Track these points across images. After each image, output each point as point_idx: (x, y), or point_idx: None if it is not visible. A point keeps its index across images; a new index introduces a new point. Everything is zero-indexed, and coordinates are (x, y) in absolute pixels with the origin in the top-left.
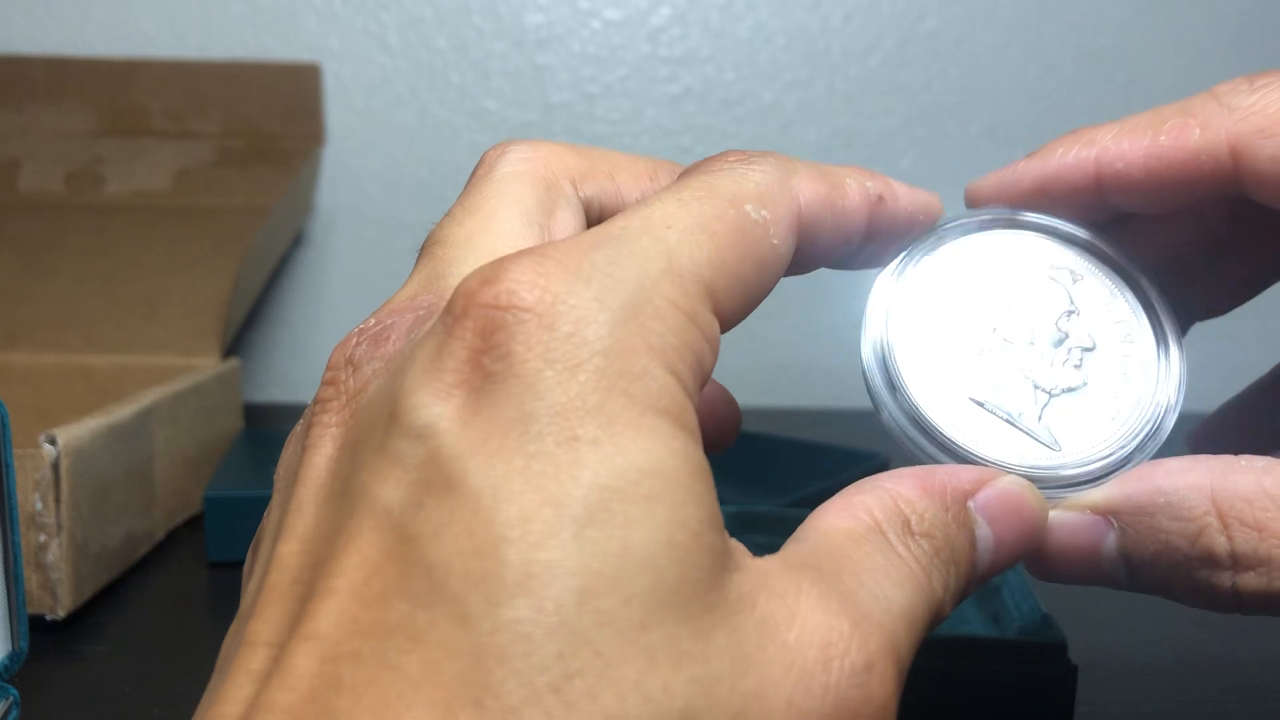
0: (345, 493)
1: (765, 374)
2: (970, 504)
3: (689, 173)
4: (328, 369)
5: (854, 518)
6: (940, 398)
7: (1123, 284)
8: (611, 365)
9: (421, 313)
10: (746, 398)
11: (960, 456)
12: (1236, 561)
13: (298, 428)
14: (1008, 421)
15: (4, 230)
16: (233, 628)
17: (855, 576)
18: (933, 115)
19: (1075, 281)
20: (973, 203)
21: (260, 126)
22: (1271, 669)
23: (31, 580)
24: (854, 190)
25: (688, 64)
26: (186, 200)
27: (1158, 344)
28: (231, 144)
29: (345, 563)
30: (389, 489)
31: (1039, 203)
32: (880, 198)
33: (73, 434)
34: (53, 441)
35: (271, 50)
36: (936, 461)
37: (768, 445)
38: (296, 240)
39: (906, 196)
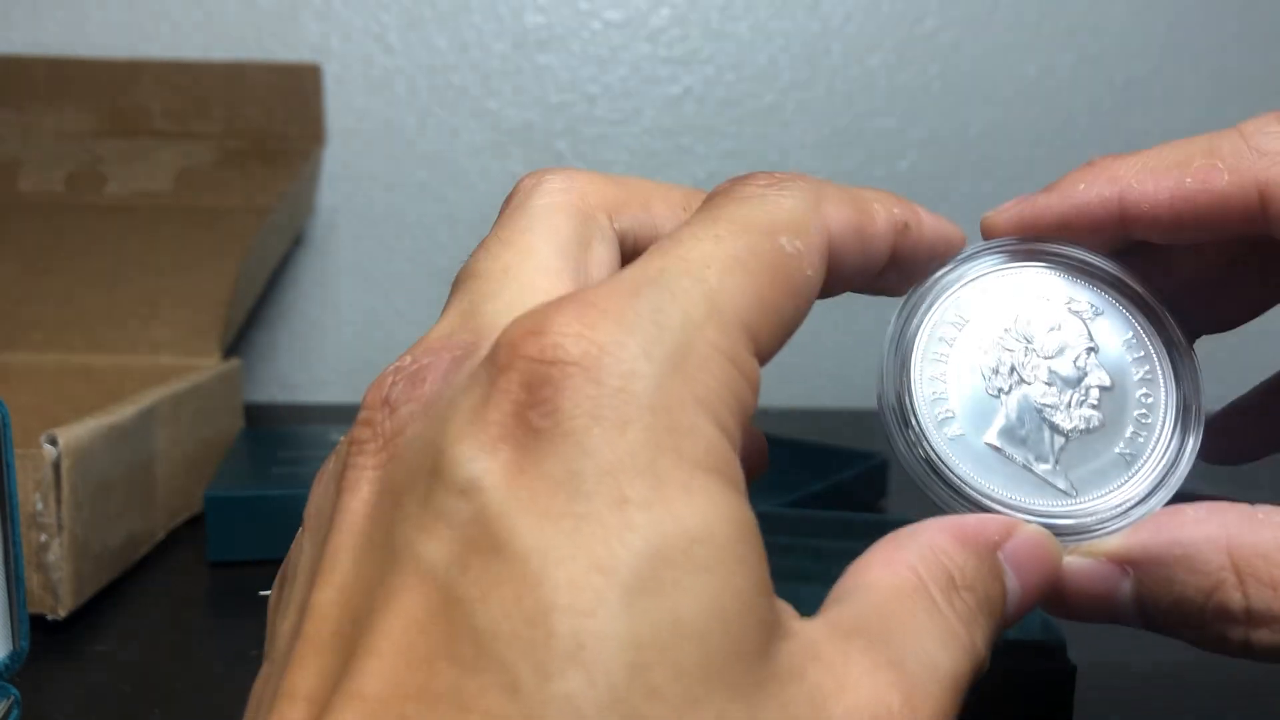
0: (386, 544)
1: (765, 374)
2: (999, 554)
3: (718, 201)
4: (363, 408)
5: (898, 574)
6: (958, 442)
7: (1143, 319)
8: (660, 421)
9: (459, 353)
10: None
11: (978, 503)
12: (1251, 618)
13: (330, 465)
14: (1025, 467)
15: (5, 230)
16: (264, 671)
17: (903, 641)
18: (933, 115)
19: (1095, 316)
20: (990, 236)
21: (261, 127)
22: (1272, 668)
23: (32, 580)
24: (881, 217)
25: (688, 64)
26: (187, 200)
27: (1177, 383)
28: (232, 144)
29: (389, 621)
30: (434, 546)
31: (1060, 237)
32: (906, 225)
33: (74, 434)
34: (54, 441)
35: (272, 50)
36: (953, 506)
37: (769, 445)
38: (297, 240)
39: (931, 225)
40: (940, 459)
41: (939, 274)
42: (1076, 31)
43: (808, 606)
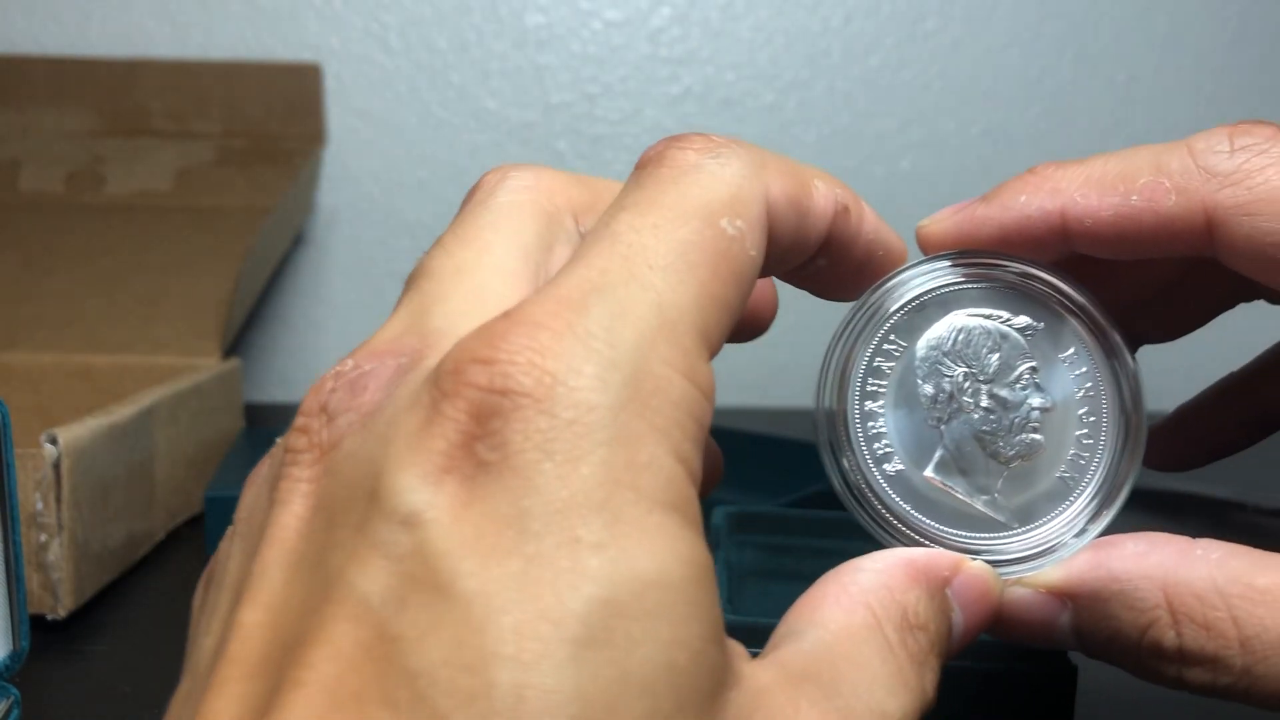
0: (319, 567)
1: (765, 374)
2: (947, 591)
3: (653, 175)
4: (299, 414)
5: (852, 610)
6: (898, 478)
7: (1085, 333)
8: (616, 456)
9: (404, 360)
10: (747, 398)
11: (915, 537)
12: (1184, 656)
13: (263, 469)
14: (964, 498)
15: (5, 230)
16: (184, 687)
17: (854, 688)
18: (933, 115)
19: (1040, 333)
20: (926, 248)
21: (261, 126)
22: None
23: (32, 580)
24: (821, 193)
25: (688, 64)
26: (187, 200)
27: (1119, 399)
28: (232, 144)
29: (318, 653)
30: (369, 578)
31: (999, 249)
32: (846, 208)
33: (73, 434)
34: (54, 441)
35: (272, 50)
36: (888, 535)
37: (768, 445)
38: (297, 240)
39: (872, 219)
40: (879, 497)
41: (873, 296)
42: (1076, 31)
43: None
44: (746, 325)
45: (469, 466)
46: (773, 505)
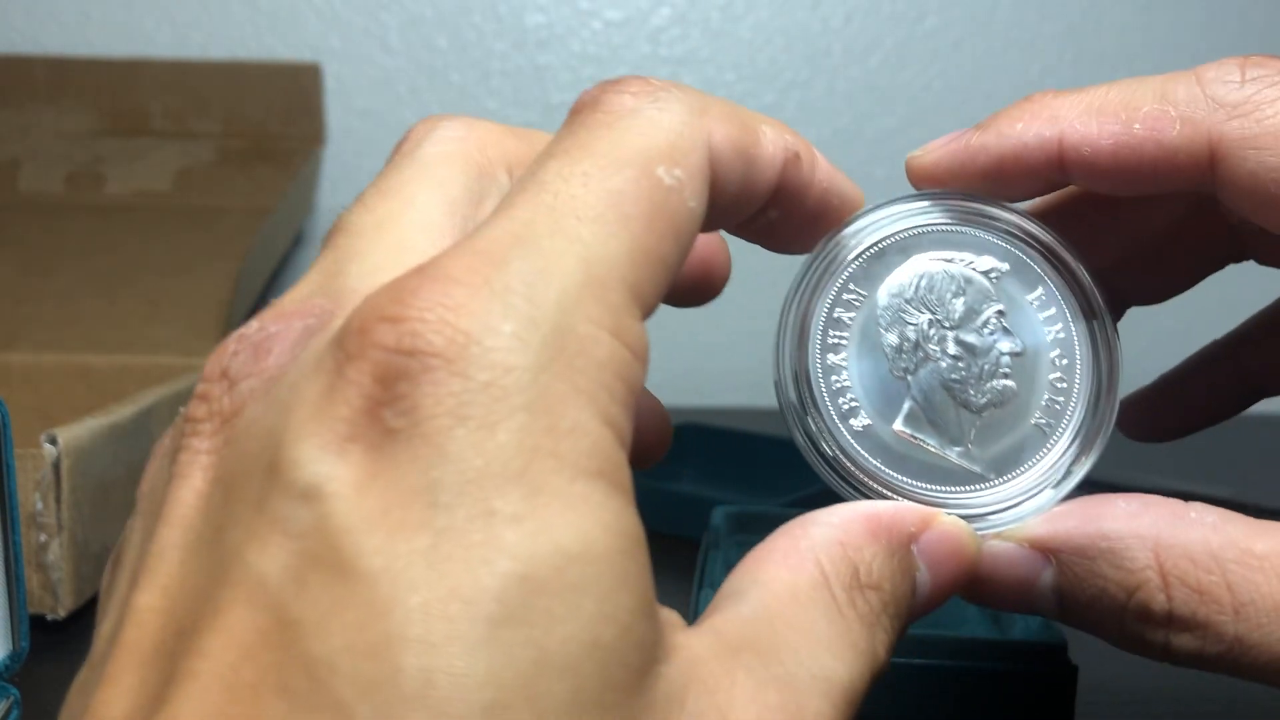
0: (216, 546)
1: (765, 374)
2: (913, 547)
3: (586, 121)
4: (200, 380)
5: (799, 567)
6: (865, 434)
7: (1054, 274)
8: (537, 421)
9: (312, 321)
10: (746, 398)
11: (887, 491)
12: (1172, 621)
13: (165, 441)
14: (937, 453)
15: (4, 230)
16: (82, 676)
17: (795, 652)
18: (933, 115)
19: (1001, 275)
20: (917, 181)
21: (261, 126)
22: None
23: (32, 580)
24: (770, 139)
25: (688, 64)
26: (187, 200)
27: (1091, 341)
28: (232, 144)
29: (213, 640)
30: (267, 558)
31: (992, 182)
32: (796, 155)
33: (73, 434)
34: (53, 441)
35: (272, 50)
36: (859, 495)
37: (768, 445)
38: (297, 240)
39: (825, 166)
40: (847, 455)
41: (829, 244)
42: (1076, 31)
43: None
44: (697, 286)
45: (375, 434)
46: (773, 505)
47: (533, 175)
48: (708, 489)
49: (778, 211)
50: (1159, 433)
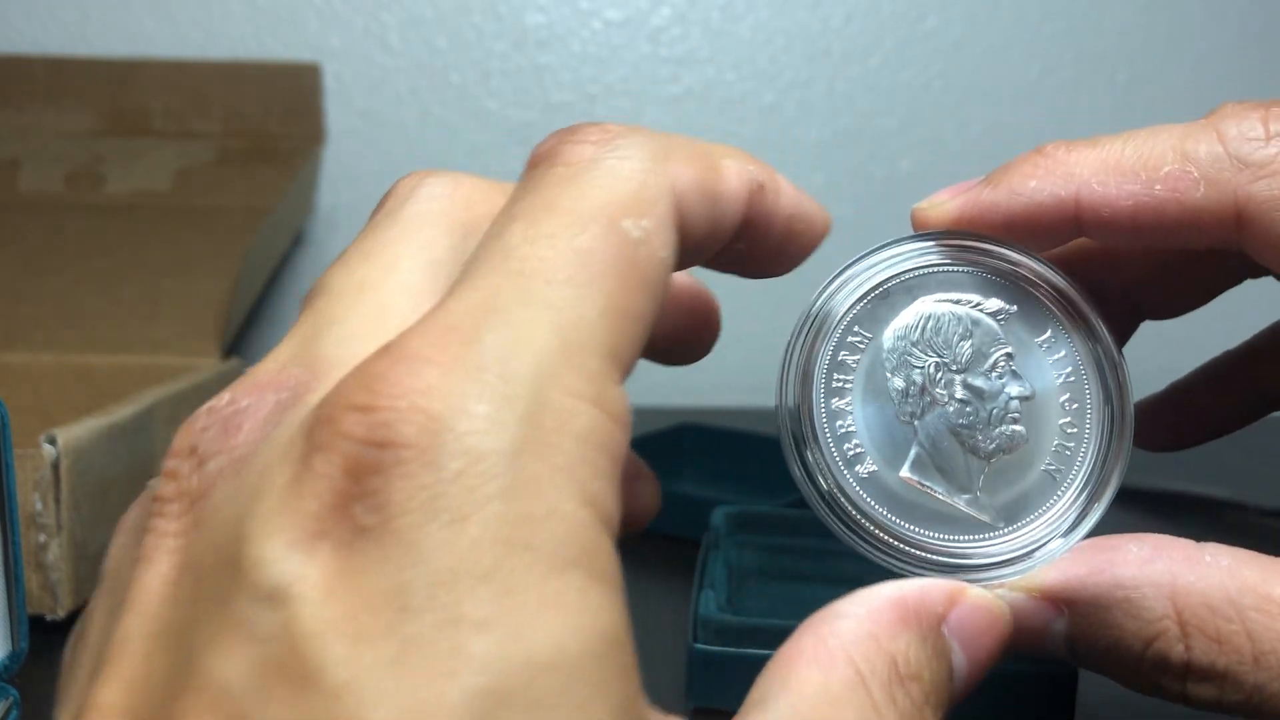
0: (181, 641)
1: (765, 374)
2: (944, 628)
3: (545, 176)
4: (169, 456)
5: (831, 667)
6: (871, 480)
7: (1062, 315)
8: (511, 510)
9: (285, 395)
10: (746, 398)
11: (898, 549)
12: (1190, 671)
13: (131, 514)
14: (945, 500)
15: (4, 230)
16: None
17: None
18: (933, 115)
19: (1013, 318)
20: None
21: (260, 126)
22: None
23: (31, 580)
24: (734, 174)
25: (688, 64)
26: (187, 200)
27: (1102, 383)
28: (232, 144)
29: None
30: (231, 664)
31: (1004, 236)
32: (761, 186)
33: (73, 434)
34: (53, 441)
35: (272, 50)
36: (864, 545)
37: (768, 445)
38: (297, 240)
39: (790, 192)
40: (853, 503)
41: (830, 286)
42: (1076, 31)
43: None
44: (686, 341)
45: (344, 531)
46: (773, 505)
47: (497, 238)
48: (708, 489)
49: (744, 243)
50: (1166, 442)
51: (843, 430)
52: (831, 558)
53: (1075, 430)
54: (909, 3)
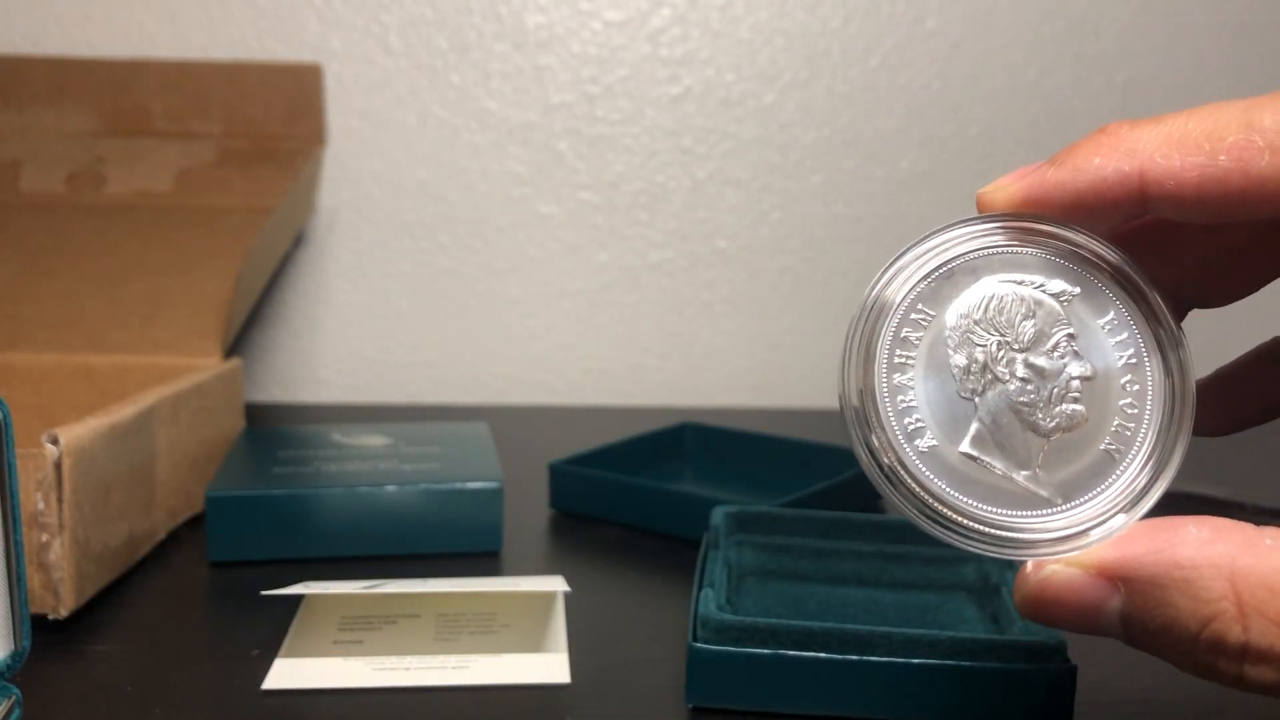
0: None
1: (765, 374)
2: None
3: None
4: None
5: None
6: (931, 454)
7: (1125, 296)
8: None
9: None
10: (746, 398)
11: (956, 522)
12: (1248, 653)
13: None
14: (1005, 476)
15: (6, 230)
16: None
17: None
18: (933, 115)
19: (1072, 299)
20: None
21: (261, 127)
22: None
23: (33, 579)
24: None
25: (688, 65)
26: (188, 200)
27: (1164, 366)
28: (233, 144)
29: None
30: None
31: (1069, 216)
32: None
33: (75, 434)
34: (55, 441)
35: (273, 51)
36: (924, 518)
37: (768, 445)
38: (298, 240)
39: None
40: (913, 475)
41: (895, 264)
42: (1076, 31)
43: (806, 606)
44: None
45: None
46: (773, 505)
47: None
48: (708, 489)
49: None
50: (1212, 428)
51: (904, 405)
52: (831, 558)
53: (1136, 411)
54: (908, 4)
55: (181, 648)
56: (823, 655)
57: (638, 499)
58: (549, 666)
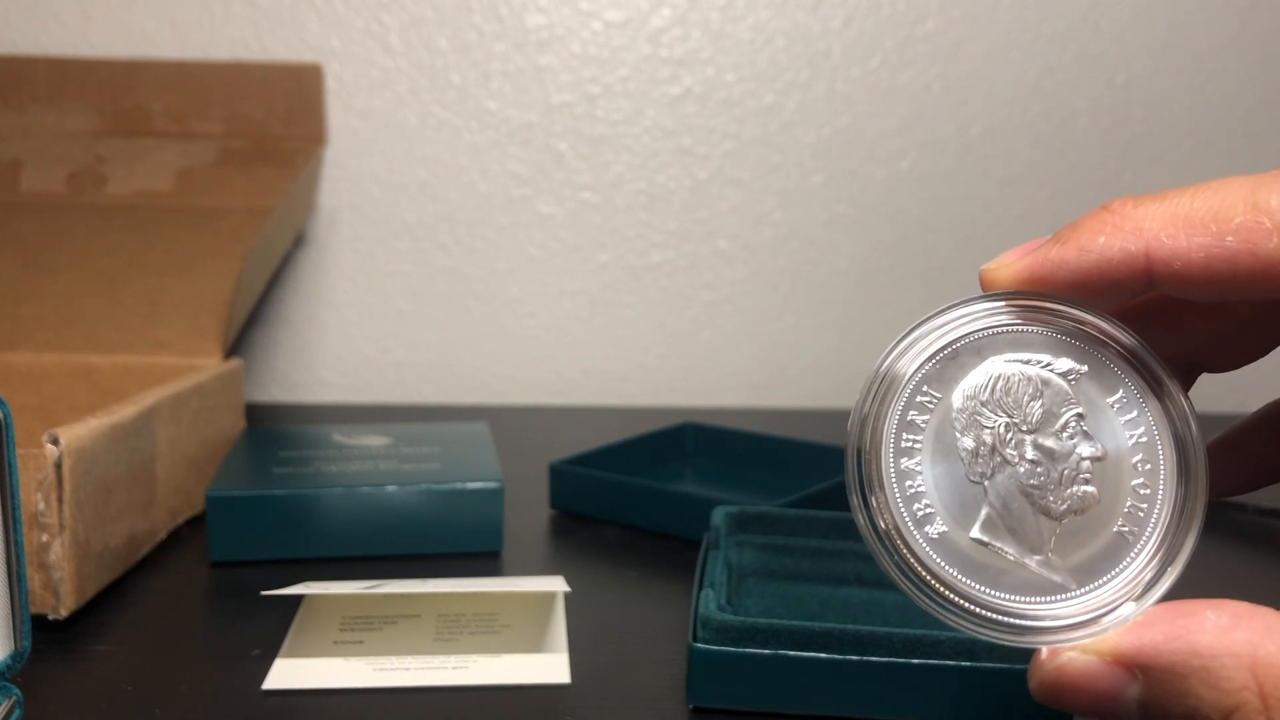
0: None
1: (765, 374)
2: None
3: None
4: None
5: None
6: (941, 541)
7: (1132, 374)
8: None
9: None
10: (747, 398)
11: (969, 610)
12: None
13: None
14: (1016, 562)
15: (6, 230)
16: None
17: None
18: (933, 116)
19: (1084, 378)
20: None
21: (262, 127)
22: None
23: (34, 580)
24: None
25: (688, 65)
26: (188, 200)
27: (1176, 444)
28: (233, 144)
29: None
30: None
31: (1074, 294)
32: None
33: (75, 434)
34: (55, 441)
35: (273, 51)
36: (937, 606)
37: (768, 445)
38: (298, 240)
39: None
40: (923, 563)
41: (899, 346)
42: (1076, 31)
43: (806, 606)
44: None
45: None
46: (773, 505)
47: None
48: (708, 489)
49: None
50: (1225, 488)
51: (912, 490)
52: (832, 558)
53: (1149, 491)
54: (908, 4)
55: (182, 648)
56: (823, 655)
57: (638, 499)
58: (549, 667)
